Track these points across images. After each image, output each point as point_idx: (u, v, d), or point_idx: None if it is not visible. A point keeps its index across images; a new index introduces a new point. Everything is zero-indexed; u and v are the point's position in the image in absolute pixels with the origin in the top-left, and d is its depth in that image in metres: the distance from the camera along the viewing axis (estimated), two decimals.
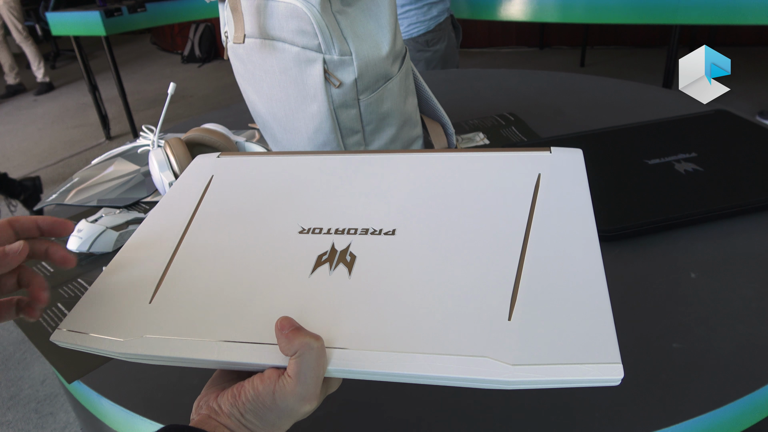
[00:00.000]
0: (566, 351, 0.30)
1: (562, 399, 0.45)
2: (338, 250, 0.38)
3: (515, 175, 0.43)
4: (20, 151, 3.30)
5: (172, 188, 0.49)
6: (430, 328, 0.32)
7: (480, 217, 0.40)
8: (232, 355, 0.33)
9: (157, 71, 4.78)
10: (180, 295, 0.37)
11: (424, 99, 0.76)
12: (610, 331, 0.31)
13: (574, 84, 1.13)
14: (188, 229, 0.43)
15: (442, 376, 0.30)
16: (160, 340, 0.34)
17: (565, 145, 0.76)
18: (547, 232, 0.38)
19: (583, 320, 0.31)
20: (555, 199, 0.40)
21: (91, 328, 0.36)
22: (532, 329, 0.31)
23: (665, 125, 0.81)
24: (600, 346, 0.30)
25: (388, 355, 0.31)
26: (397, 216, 0.41)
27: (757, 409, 0.46)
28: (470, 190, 0.43)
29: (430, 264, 0.37)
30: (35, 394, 1.52)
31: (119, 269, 0.40)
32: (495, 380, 0.30)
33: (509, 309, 0.33)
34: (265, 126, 0.75)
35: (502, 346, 0.31)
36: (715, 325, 0.50)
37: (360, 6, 0.63)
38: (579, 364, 0.29)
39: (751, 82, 3.00)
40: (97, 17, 2.60)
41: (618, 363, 0.29)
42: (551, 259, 0.36)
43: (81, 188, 0.87)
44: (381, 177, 0.46)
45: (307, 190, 0.46)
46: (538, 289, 0.34)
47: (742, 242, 0.60)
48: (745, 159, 0.71)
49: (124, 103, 2.98)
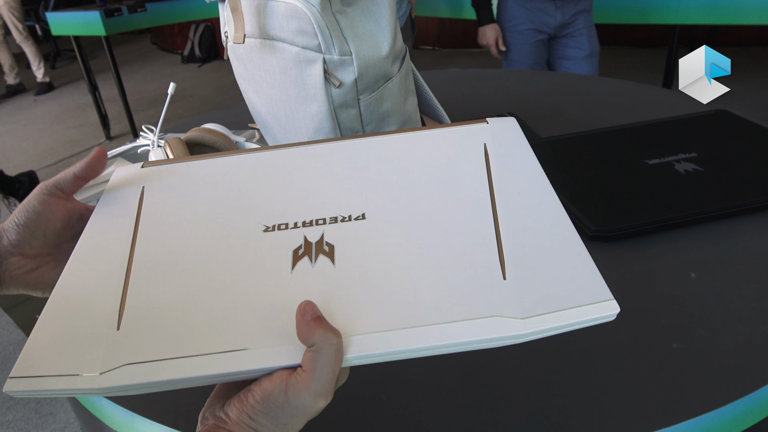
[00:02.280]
0: (566, 298, 0.32)
1: (562, 399, 0.45)
2: (312, 242, 0.37)
3: (463, 146, 0.45)
4: (20, 151, 3.30)
5: (98, 208, 0.43)
6: (435, 300, 0.33)
7: (443, 190, 0.41)
8: (237, 365, 0.31)
9: (157, 71, 4.78)
10: (149, 315, 0.34)
11: (424, 99, 0.76)
12: (597, 274, 0.34)
13: (574, 84, 1.13)
14: (134, 245, 0.39)
15: (458, 342, 0.31)
16: (146, 366, 0.31)
17: (565, 144, 0.75)
18: (510, 193, 0.40)
19: (569, 268, 0.34)
20: (506, 163, 0.43)
21: (55, 368, 0.31)
22: (528, 284, 0.33)
23: (665, 125, 0.81)
24: (592, 289, 0.33)
25: (403, 333, 0.31)
26: (362, 200, 0.40)
27: (757, 409, 0.46)
28: (425, 166, 0.43)
29: (411, 240, 0.37)
30: None
31: (65, 300, 0.36)
32: (508, 336, 0.31)
33: (501, 269, 0.34)
34: (265, 126, 0.75)
35: (508, 303, 0.32)
36: (715, 325, 0.50)
37: (360, 6, 0.63)
38: (580, 307, 0.32)
39: (751, 82, 3.00)
40: (97, 17, 2.61)
41: (612, 300, 0.32)
42: (522, 216, 0.38)
43: (81, 188, 0.87)
44: (330, 164, 0.44)
45: (255, 187, 0.43)
46: (520, 245, 0.36)
47: (742, 242, 0.60)
48: (745, 159, 0.71)
49: (124, 103, 2.98)
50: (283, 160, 0.46)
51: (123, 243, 0.39)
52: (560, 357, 0.48)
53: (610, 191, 0.66)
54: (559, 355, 0.48)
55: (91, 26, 2.66)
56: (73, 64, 5.06)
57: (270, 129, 0.74)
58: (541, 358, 0.48)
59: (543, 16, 1.69)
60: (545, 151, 0.77)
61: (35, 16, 4.91)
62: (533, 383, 0.46)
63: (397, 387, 0.47)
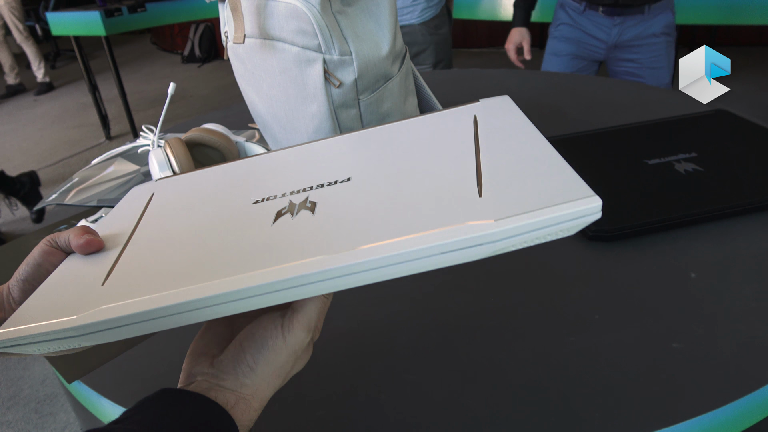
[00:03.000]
0: (542, 198, 0.31)
1: (562, 399, 0.45)
2: (296, 203, 0.38)
3: (453, 118, 0.46)
4: (20, 151, 3.30)
5: (112, 211, 0.47)
6: (409, 216, 0.33)
7: (430, 145, 0.42)
8: (209, 290, 0.31)
9: (157, 71, 4.78)
10: (134, 275, 0.35)
11: (424, 99, 0.76)
12: (576, 177, 0.33)
13: (574, 84, 1.13)
14: (135, 229, 0.42)
15: (429, 247, 0.30)
16: (121, 304, 0.32)
17: (565, 144, 0.76)
18: (493, 135, 0.40)
19: (547, 176, 0.33)
20: (494, 122, 0.43)
21: (37, 319, 0.33)
22: (504, 194, 0.33)
23: (665, 125, 0.81)
24: (571, 188, 0.32)
25: (373, 247, 0.31)
26: (348, 167, 0.42)
27: (757, 409, 0.46)
28: (414, 137, 0.45)
29: (391, 185, 0.37)
30: (35, 394, 1.52)
31: (62, 278, 0.38)
32: (481, 237, 0.30)
33: (478, 189, 0.34)
34: (265, 126, 0.75)
35: (480, 212, 0.31)
36: (715, 325, 0.50)
37: (360, 6, 0.63)
38: (557, 205, 0.30)
39: (751, 82, 3.00)
40: (97, 17, 2.61)
41: (593, 195, 0.31)
42: (502, 148, 0.38)
43: (81, 188, 0.87)
44: (323, 150, 0.47)
45: (251, 176, 0.46)
46: (499, 170, 0.35)
47: (742, 242, 0.60)
48: (745, 159, 0.71)
49: (124, 103, 2.98)
50: (279, 156, 0.48)
51: (126, 228, 0.42)
52: (560, 357, 0.48)
53: (609, 191, 0.66)
54: (559, 355, 0.48)
55: (91, 26, 2.66)
56: (73, 64, 5.06)
57: (270, 129, 0.74)
58: (541, 358, 0.48)
59: (591, 36, 1.43)
60: None
61: (35, 16, 4.91)
62: (533, 383, 0.46)
63: (396, 387, 0.47)
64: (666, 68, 1.45)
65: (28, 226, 2.42)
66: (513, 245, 0.30)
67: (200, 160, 0.80)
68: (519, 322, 0.52)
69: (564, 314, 0.53)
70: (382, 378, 0.48)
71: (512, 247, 0.30)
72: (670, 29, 1.43)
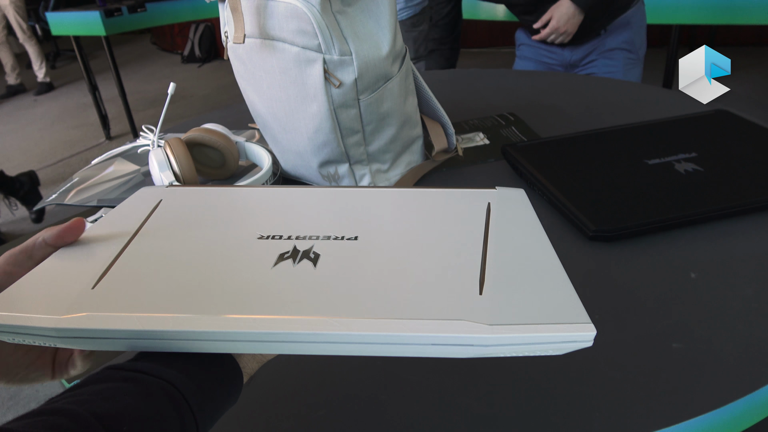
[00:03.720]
0: (539, 314, 0.31)
1: (562, 399, 0.45)
2: (300, 250, 0.38)
3: (467, 200, 0.47)
4: (20, 151, 3.30)
5: (117, 207, 0.47)
6: (404, 298, 0.33)
7: (440, 224, 0.42)
8: (188, 325, 0.31)
9: (157, 71, 4.78)
10: (125, 283, 0.35)
11: (424, 99, 0.76)
12: (575, 298, 0.33)
13: (574, 84, 1.13)
14: (136, 235, 0.41)
15: (419, 336, 0.30)
16: (105, 317, 0.32)
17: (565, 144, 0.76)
18: (504, 232, 0.41)
19: (549, 291, 0.34)
20: (507, 216, 0.43)
21: (21, 309, 0.33)
22: (503, 299, 0.33)
23: (665, 125, 0.81)
24: (570, 311, 0.32)
25: (362, 321, 0.31)
26: (358, 226, 0.42)
27: (757, 409, 0.46)
28: (427, 208, 0.45)
29: (395, 258, 0.37)
30: (35, 394, 1.52)
31: (53, 267, 0.37)
32: (472, 339, 0.30)
33: (479, 286, 0.34)
34: (265, 126, 0.75)
35: (476, 312, 0.31)
36: (715, 325, 0.50)
37: (360, 6, 0.63)
38: (553, 324, 0.31)
39: (751, 82, 3.00)
40: (97, 17, 2.61)
41: (589, 323, 0.31)
42: (511, 251, 0.38)
43: (81, 188, 0.87)
44: (335, 201, 0.47)
45: (265, 208, 0.47)
46: (504, 272, 0.36)
47: (742, 242, 0.60)
48: (745, 159, 0.71)
49: (124, 103, 2.98)
50: (294, 193, 0.49)
51: (126, 231, 0.42)
52: (560, 357, 0.48)
53: (610, 191, 0.66)
54: (559, 355, 0.48)
55: (91, 26, 2.66)
56: (73, 64, 5.06)
57: (270, 129, 0.74)
58: (541, 358, 0.48)
59: (549, 55, 1.43)
60: (545, 151, 0.77)
61: (35, 16, 4.91)
62: (533, 383, 0.46)
63: (396, 387, 0.47)
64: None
65: (28, 226, 2.42)
66: (500, 352, 0.31)
67: (200, 160, 0.80)
68: None
69: None
70: (382, 378, 0.48)
71: (498, 354, 0.31)
72: (630, 45, 1.36)
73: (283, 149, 0.76)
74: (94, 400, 0.28)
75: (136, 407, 0.28)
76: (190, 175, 0.73)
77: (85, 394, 0.28)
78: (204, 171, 0.81)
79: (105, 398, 0.28)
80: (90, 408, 0.27)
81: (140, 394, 0.29)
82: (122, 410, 0.27)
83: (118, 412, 0.27)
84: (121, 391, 0.29)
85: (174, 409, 0.29)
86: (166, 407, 0.29)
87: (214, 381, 0.33)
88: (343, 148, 0.69)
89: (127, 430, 0.27)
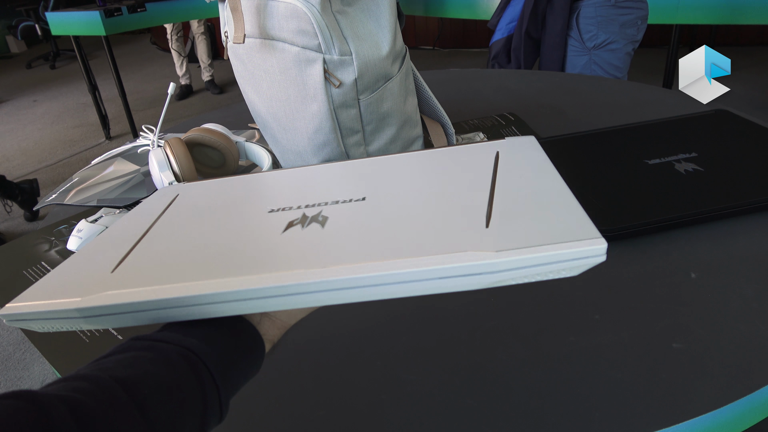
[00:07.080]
0: (547, 235, 0.31)
1: (562, 399, 0.45)
2: (309, 216, 0.39)
3: (475, 151, 0.47)
4: (20, 151, 3.30)
5: (137, 207, 0.50)
6: (414, 238, 0.33)
7: (448, 174, 0.43)
8: (205, 288, 0.32)
9: (157, 71, 4.77)
10: (143, 266, 0.37)
11: (424, 99, 0.76)
12: (585, 217, 0.33)
13: (574, 84, 1.13)
14: (154, 224, 0.44)
15: (425, 270, 0.30)
16: (125, 292, 0.33)
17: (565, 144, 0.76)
18: (512, 171, 0.41)
19: (556, 214, 0.33)
20: (515, 157, 0.44)
21: (44, 297, 0.35)
22: (510, 227, 0.32)
23: (665, 125, 0.81)
24: (578, 229, 0.31)
25: (369, 264, 0.31)
26: (365, 187, 0.43)
27: (757, 409, 0.46)
28: (436, 164, 0.46)
29: (403, 207, 0.38)
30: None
31: (76, 262, 0.40)
32: (480, 266, 0.29)
33: (486, 220, 0.34)
34: (265, 126, 0.75)
35: (483, 241, 0.31)
36: (715, 325, 0.50)
37: (360, 6, 0.63)
38: (561, 243, 0.30)
39: (751, 82, 3.00)
40: (97, 17, 2.60)
41: (599, 237, 0.30)
42: (518, 184, 0.38)
43: (81, 188, 0.87)
44: (348, 172, 0.48)
45: (275, 186, 0.48)
46: (511, 205, 0.35)
47: (742, 242, 0.60)
48: (745, 159, 0.71)
49: (124, 103, 2.97)
50: (303, 172, 0.50)
51: (144, 223, 0.44)
52: (560, 357, 0.48)
53: (610, 191, 0.66)
54: (559, 355, 0.48)
55: (91, 26, 2.66)
56: (73, 64, 5.06)
57: (270, 129, 0.74)
58: (541, 358, 0.48)
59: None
60: (545, 151, 0.77)
61: (35, 16, 4.91)
62: (533, 383, 0.46)
63: (397, 387, 0.47)
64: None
65: (29, 226, 2.42)
66: (512, 279, 0.30)
67: (200, 160, 0.80)
68: (519, 322, 0.52)
69: (564, 314, 0.53)
70: (382, 378, 0.48)
71: (512, 281, 0.30)
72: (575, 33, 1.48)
73: (283, 149, 0.76)
74: (115, 367, 0.29)
75: (156, 373, 0.29)
76: (190, 175, 0.73)
77: (108, 362, 0.30)
78: (204, 171, 0.81)
79: (126, 365, 0.29)
80: (112, 374, 0.28)
81: (160, 361, 0.30)
82: (142, 375, 0.29)
83: (138, 377, 0.28)
84: (141, 358, 0.30)
85: (194, 375, 0.30)
86: (186, 373, 0.30)
87: (234, 349, 0.34)
88: (343, 148, 0.69)
89: (148, 392, 0.28)
